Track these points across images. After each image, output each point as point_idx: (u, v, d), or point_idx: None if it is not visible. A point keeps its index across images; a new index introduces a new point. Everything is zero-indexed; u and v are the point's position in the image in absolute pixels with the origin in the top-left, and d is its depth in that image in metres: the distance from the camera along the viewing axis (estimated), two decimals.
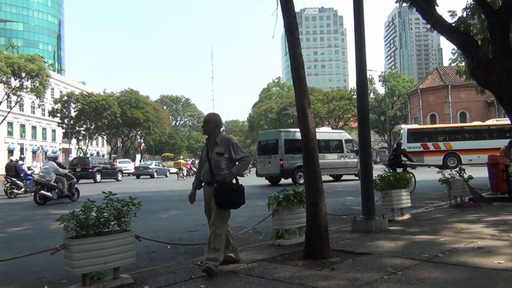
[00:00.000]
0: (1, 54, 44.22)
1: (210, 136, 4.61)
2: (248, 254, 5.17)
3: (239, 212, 9.86)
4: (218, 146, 4.51)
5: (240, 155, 4.54)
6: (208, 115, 4.74)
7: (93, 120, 59.15)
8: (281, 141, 19.62)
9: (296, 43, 5.03)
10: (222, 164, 4.46)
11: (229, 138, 4.65)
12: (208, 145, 4.61)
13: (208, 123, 4.59)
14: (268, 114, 75.48)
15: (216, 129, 4.61)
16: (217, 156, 4.47)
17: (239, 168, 4.55)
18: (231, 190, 4.38)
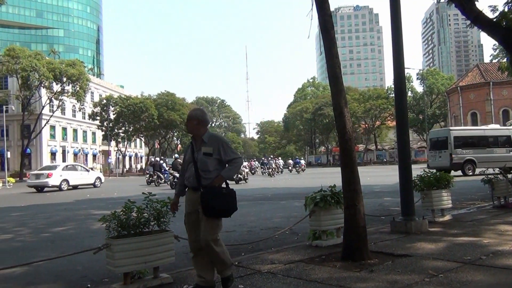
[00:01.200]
0: (44, 60, 45.97)
1: (195, 134, 3.98)
2: (285, 255, 5.16)
3: (276, 213, 9.94)
4: (206, 146, 3.88)
5: (231, 156, 3.89)
6: (190, 111, 4.12)
7: (131, 123, 60.58)
8: (450, 138, 23.10)
9: (332, 43, 4.98)
10: (210, 166, 3.82)
11: (218, 137, 4.08)
12: (193, 144, 3.97)
13: (190, 121, 3.97)
14: (303, 114, 75.10)
15: (200, 126, 3.96)
16: (205, 157, 3.83)
17: (229, 171, 3.90)
18: (220, 196, 3.74)
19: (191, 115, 4.01)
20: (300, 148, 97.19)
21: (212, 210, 3.68)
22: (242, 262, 4.92)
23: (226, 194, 3.79)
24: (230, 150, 3.92)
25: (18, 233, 8.51)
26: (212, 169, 3.82)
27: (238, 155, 3.99)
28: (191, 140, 4.05)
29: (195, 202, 3.81)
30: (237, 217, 9.51)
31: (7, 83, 53.63)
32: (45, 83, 45.53)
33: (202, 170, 3.81)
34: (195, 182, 3.82)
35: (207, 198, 3.68)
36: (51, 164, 35.15)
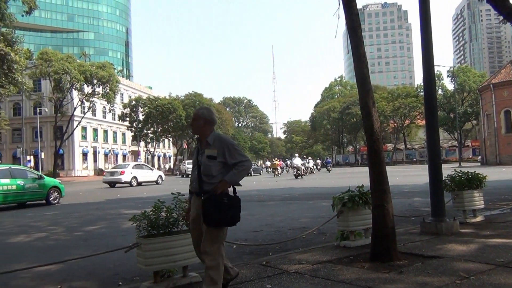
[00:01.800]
0: (75, 62, 47.15)
1: (201, 135, 3.70)
2: (313, 255, 5.15)
3: (303, 213, 9.92)
4: (210, 148, 3.58)
5: (237, 159, 3.55)
6: (196, 110, 3.81)
7: (160, 123, 61.49)
8: None
9: (359, 42, 4.94)
10: (214, 171, 3.53)
11: (224, 138, 3.70)
12: (199, 146, 3.73)
13: (196, 120, 3.69)
14: (331, 114, 74.60)
15: (207, 127, 3.67)
16: (208, 160, 3.54)
17: (234, 176, 3.54)
18: (220, 205, 3.42)
19: (198, 114, 3.71)
20: (328, 148, 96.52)
21: (211, 220, 3.41)
22: (269, 261, 4.93)
23: (227, 204, 3.44)
24: (236, 152, 3.58)
25: (52, 232, 8.78)
26: (216, 174, 3.53)
27: (246, 157, 3.64)
28: (196, 141, 3.83)
29: (198, 208, 3.55)
30: (265, 216, 9.57)
31: (41, 86, 55.27)
32: (76, 85, 46.70)
33: (204, 174, 3.55)
34: (197, 187, 3.58)
35: (206, 206, 3.42)
36: (122, 163, 38.10)
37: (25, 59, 36.87)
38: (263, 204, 12.73)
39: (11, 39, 33.29)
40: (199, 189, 3.55)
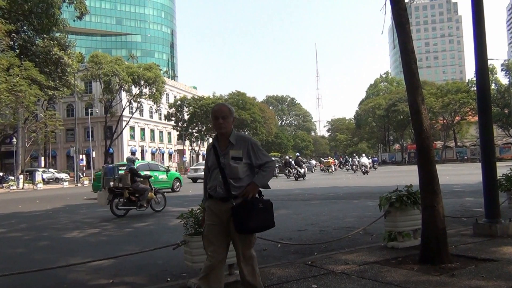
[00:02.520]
0: (123, 64, 48.73)
1: (224, 135, 3.40)
2: (360, 256, 5.07)
3: (348, 213, 9.78)
4: (234, 148, 3.33)
5: (263, 160, 3.36)
6: (222, 106, 3.45)
7: (204, 122, 62.44)
8: None
9: (407, 38, 4.81)
10: (241, 173, 3.30)
11: (246, 137, 3.50)
12: (217, 147, 3.41)
13: (228, 118, 3.38)
14: (376, 111, 73.02)
15: (232, 124, 3.44)
16: (234, 162, 3.29)
17: (264, 178, 3.36)
18: (256, 211, 3.21)
19: (230, 110, 3.41)
20: (373, 146, 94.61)
21: (246, 228, 3.20)
22: (315, 261, 4.90)
23: (263, 209, 3.26)
24: (261, 153, 3.40)
25: (104, 228, 9.13)
26: (243, 176, 3.31)
27: (270, 158, 3.46)
28: (213, 141, 3.51)
29: (222, 214, 3.29)
30: (309, 216, 9.52)
31: (92, 88, 57.51)
32: (124, 86, 48.27)
33: (231, 178, 3.28)
34: (224, 192, 3.28)
35: (241, 214, 3.18)
36: (202, 161, 40.27)
37: (77, 63, 38.55)
38: (307, 203, 12.65)
39: (64, 43, 34.88)
40: (227, 193, 3.25)
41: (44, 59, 33.33)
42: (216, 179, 3.33)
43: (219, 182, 3.30)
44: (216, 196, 3.32)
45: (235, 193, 3.26)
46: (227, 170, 3.29)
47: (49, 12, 31.45)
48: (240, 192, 3.26)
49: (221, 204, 3.30)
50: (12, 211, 13.17)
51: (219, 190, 3.30)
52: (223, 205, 3.28)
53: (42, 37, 33.48)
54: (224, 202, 3.27)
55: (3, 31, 24.33)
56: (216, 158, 3.35)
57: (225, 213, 3.26)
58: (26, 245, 7.42)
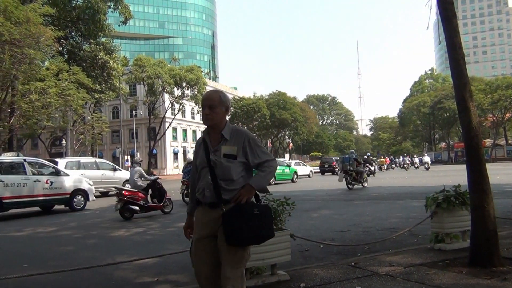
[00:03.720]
0: (166, 67, 49.81)
1: (216, 128, 2.88)
2: (405, 258, 4.94)
3: (392, 213, 9.56)
4: (227, 144, 2.83)
5: (262, 158, 2.85)
6: (211, 93, 2.93)
7: (245, 123, 62.85)
8: None
9: (454, 32, 4.63)
10: (235, 174, 2.78)
11: (243, 131, 2.95)
12: (207, 142, 2.89)
13: (217, 108, 2.86)
14: (421, 109, 70.99)
15: (225, 116, 2.93)
16: (226, 160, 2.77)
17: (262, 179, 2.82)
18: (251, 218, 2.65)
19: (220, 99, 2.88)
20: (418, 145, 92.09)
21: (239, 238, 2.63)
22: (358, 262, 4.81)
23: (259, 215, 2.68)
24: (259, 150, 2.87)
25: (149, 227, 9.36)
26: (237, 177, 2.78)
27: (271, 156, 2.94)
28: (203, 135, 2.96)
29: (212, 223, 2.75)
30: (352, 216, 9.38)
31: (136, 90, 59.13)
32: (167, 88, 49.31)
33: (223, 179, 2.76)
34: (212, 195, 2.75)
35: (232, 222, 2.62)
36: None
37: (122, 66, 39.76)
38: (350, 203, 12.47)
39: (110, 48, 36.03)
40: (217, 197, 2.73)
41: (91, 63, 34.57)
42: (205, 180, 2.81)
43: (207, 184, 2.78)
44: (204, 201, 2.80)
45: (226, 198, 2.72)
46: (217, 169, 2.77)
47: (95, 18, 32.59)
48: (233, 197, 2.72)
49: (209, 212, 2.77)
50: (62, 210, 13.73)
51: (207, 193, 2.78)
52: (213, 213, 2.75)
53: (89, 42, 34.74)
54: (213, 208, 2.75)
55: (53, 38, 25.39)
56: (206, 155, 2.83)
57: (216, 223, 2.71)
58: (75, 243, 7.72)
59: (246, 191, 2.73)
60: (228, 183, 2.76)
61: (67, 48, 33.97)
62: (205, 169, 2.82)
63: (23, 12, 23.00)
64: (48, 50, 26.30)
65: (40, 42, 24.52)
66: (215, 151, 2.83)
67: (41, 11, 25.36)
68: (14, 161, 12.82)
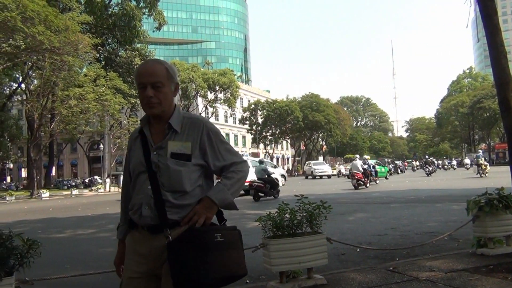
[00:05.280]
0: (199, 71, 50.53)
1: (160, 116, 2.01)
2: (446, 263, 4.79)
3: (431, 217, 9.32)
4: (177, 139, 1.98)
5: (228, 160, 2.02)
6: (155, 64, 2.01)
7: (278, 125, 62.87)
8: None
9: (495, 30, 4.49)
10: (188, 182, 1.94)
11: (201, 120, 2.05)
12: (147, 135, 2.04)
13: (165, 86, 1.97)
14: (459, 109, 69.00)
15: (172, 97, 2.04)
16: (175, 162, 1.94)
17: (228, 190, 1.97)
18: (213, 248, 1.82)
19: (167, 73, 1.98)
20: (456, 146, 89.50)
21: (193, 281, 1.78)
22: (397, 267, 4.71)
23: (224, 244, 1.84)
24: (224, 148, 2.03)
25: None
26: (191, 188, 1.93)
27: (240, 156, 2.09)
28: (140, 125, 2.09)
29: (152, 257, 1.91)
30: (389, 219, 9.19)
31: None
32: (200, 92, 50.02)
33: (170, 191, 1.91)
34: (153, 215, 1.90)
35: (183, 256, 1.78)
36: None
37: None
38: (386, 206, 12.23)
39: (145, 53, 36.89)
40: (160, 218, 1.87)
41: (127, 69, 35.49)
42: (142, 193, 1.94)
43: (146, 198, 1.92)
44: (142, 223, 1.93)
45: (174, 218, 1.88)
46: (162, 176, 1.92)
47: (131, 24, 33.48)
48: (184, 217, 1.89)
49: (149, 239, 1.91)
50: (101, 213, 14.10)
51: (146, 212, 1.91)
52: (154, 241, 1.89)
53: (124, 48, 35.70)
54: (155, 234, 1.89)
55: (91, 45, 26.23)
56: (144, 155, 1.98)
57: (158, 256, 1.88)
58: (114, 245, 7.84)
59: (205, 208, 1.90)
60: (177, 196, 1.90)
61: (104, 54, 34.99)
62: (142, 175, 1.96)
63: (62, 21, 23.86)
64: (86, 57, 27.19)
65: (78, 50, 25.38)
66: (159, 148, 1.96)
67: (79, 19, 26.25)
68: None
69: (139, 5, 34.45)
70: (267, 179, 16.71)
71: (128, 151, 2.16)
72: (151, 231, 1.92)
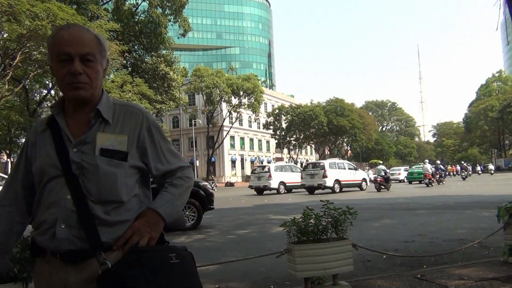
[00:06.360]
0: (224, 77, 50.86)
1: (85, 100, 1.52)
2: (476, 271, 4.66)
3: (460, 223, 9.10)
4: (108, 131, 1.51)
5: (173, 163, 1.62)
6: (82, 31, 1.51)
7: (302, 130, 62.62)
8: None
9: None
10: (124, 189, 1.48)
11: (139, 109, 1.61)
12: (61, 126, 1.52)
13: (96, 61, 1.51)
14: (489, 113, 67.34)
15: (102, 78, 1.58)
16: (107, 161, 1.46)
17: (175, 201, 1.56)
18: (169, 271, 1.39)
19: (98, 43, 1.55)
20: (485, 151, 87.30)
21: None
22: (425, 275, 4.60)
23: (179, 267, 1.44)
24: (167, 148, 1.63)
25: (209, 234, 9.51)
26: (128, 196, 1.50)
27: (184, 160, 1.68)
28: (52, 112, 1.57)
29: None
30: (416, 226, 9.02)
31: (195, 100, 60.79)
32: (225, 97, 50.33)
33: (99, 201, 1.45)
34: (77, 236, 1.41)
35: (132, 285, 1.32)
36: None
37: (181, 77, 41.07)
38: (413, 212, 12.00)
39: (170, 59, 37.36)
40: (90, 240, 1.40)
41: (153, 75, 35.99)
42: (56, 205, 1.43)
43: (63, 212, 1.41)
44: (55, 248, 1.40)
45: (107, 240, 1.42)
46: (88, 181, 1.44)
47: (156, 31, 33.96)
48: (121, 237, 1.44)
49: (66, 271, 1.41)
50: None
51: (63, 233, 1.40)
52: (73, 273, 1.41)
53: (150, 55, 36.22)
54: (77, 263, 1.41)
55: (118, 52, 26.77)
56: (59, 152, 1.47)
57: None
58: None
59: (148, 225, 1.45)
60: (110, 209, 1.44)
61: (130, 61, 35.59)
62: (55, 181, 1.44)
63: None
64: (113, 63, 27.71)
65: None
66: (81, 143, 1.47)
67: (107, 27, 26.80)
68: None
69: (165, 12, 34.94)
70: (385, 176, 24.34)
71: (25, 148, 1.59)
72: (68, 260, 1.39)
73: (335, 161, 27.08)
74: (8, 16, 20.33)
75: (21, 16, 20.21)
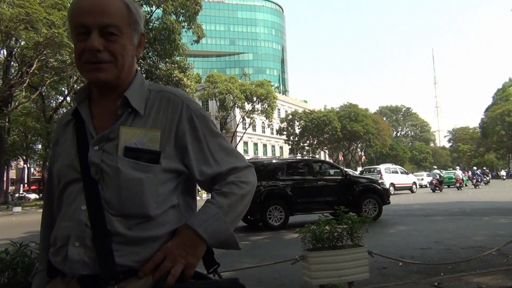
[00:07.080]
0: (237, 82, 51.07)
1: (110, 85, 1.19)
2: (494, 279, 4.58)
3: (477, 230, 8.95)
4: (137, 125, 1.17)
5: (225, 164, 1.21)
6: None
7: (316, 136, 62.41)
8: None
9: None
10: (152, 201, 1.13)
11: (179, 97, 1.22)
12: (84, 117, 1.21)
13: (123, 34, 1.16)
14: (506, 118, 66.39)
15: (134, 56, 1.25)
16: (131, 164, 1.13)
17: (226, 215, 1.16)
18: None
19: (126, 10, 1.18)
20: (502, 157, 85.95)
21: None
22: (442, 283, 4.54)
23: None
24: (217, 143, 1.24)
25: None
26: (158, 210, 1.14)
27: (244, 160, 1.28)
28: (74, 100, 1.29)
29: None
30: (432, 233, 8.90)
31: (208, 106, 61.08)
32: (238, 103, 50.49)
33: (121, 214, 1.12)
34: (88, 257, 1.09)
35: None
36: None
37: (195, 83, 41.34)
38: (429, 219, 11.84)
39: (184, 66, 37.65)
40: (102, 265, 1.08)
41: (167, 81, 36.27)
42: (71, 218, 1.14)
43: (77, 227, 1.12)
44: (68, 270, 1.11)
45: (128, 263, 1.10)
46: (108, 188, 1.14)
47: (170, 38, 34.27)
48: (149, 263, 1.11)
49: None
50: None
51: (75, 253, 1.11)
52: None
53: (164, 61, 36.55)
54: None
55: None
56: (79, 152, 1.19)
57: None
58: None
59: (184, 248, 1.14)
60: (133, 224, 1.13)
61: (144, 67, 35.94)
62: (73, 187, 1.17)
63: None
64: None
65: None
66: (103, 140, 1.17)
67: None
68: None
69: (179, 19, 35.28)
70: (439, 179, 27.50)
71: (54, 145, 1.30)
72: (84, 285, 1.10)
73: (389, 166, 29.92)
74: (26, 24, 20.73)
75: (38, 24, 20.60)
